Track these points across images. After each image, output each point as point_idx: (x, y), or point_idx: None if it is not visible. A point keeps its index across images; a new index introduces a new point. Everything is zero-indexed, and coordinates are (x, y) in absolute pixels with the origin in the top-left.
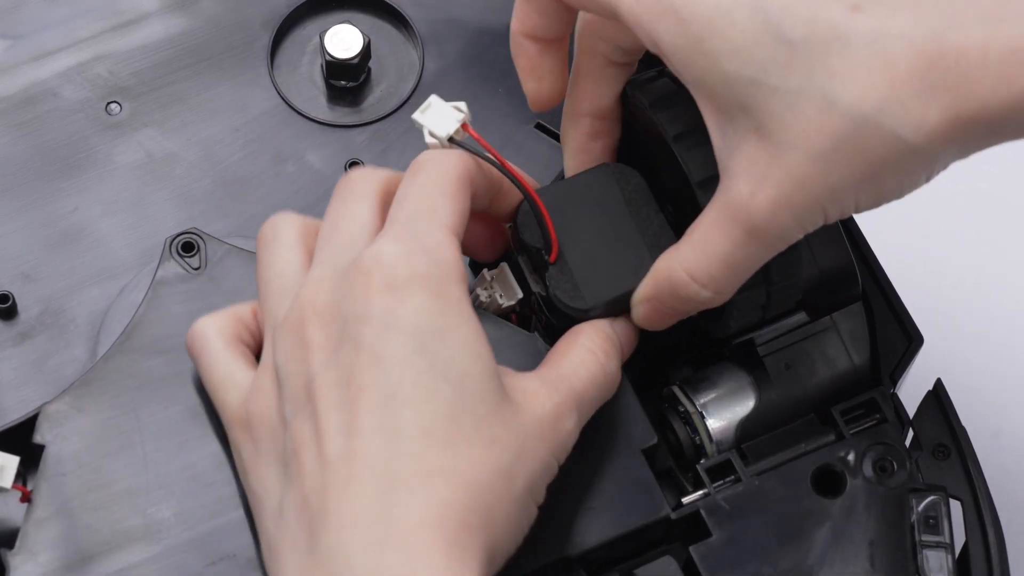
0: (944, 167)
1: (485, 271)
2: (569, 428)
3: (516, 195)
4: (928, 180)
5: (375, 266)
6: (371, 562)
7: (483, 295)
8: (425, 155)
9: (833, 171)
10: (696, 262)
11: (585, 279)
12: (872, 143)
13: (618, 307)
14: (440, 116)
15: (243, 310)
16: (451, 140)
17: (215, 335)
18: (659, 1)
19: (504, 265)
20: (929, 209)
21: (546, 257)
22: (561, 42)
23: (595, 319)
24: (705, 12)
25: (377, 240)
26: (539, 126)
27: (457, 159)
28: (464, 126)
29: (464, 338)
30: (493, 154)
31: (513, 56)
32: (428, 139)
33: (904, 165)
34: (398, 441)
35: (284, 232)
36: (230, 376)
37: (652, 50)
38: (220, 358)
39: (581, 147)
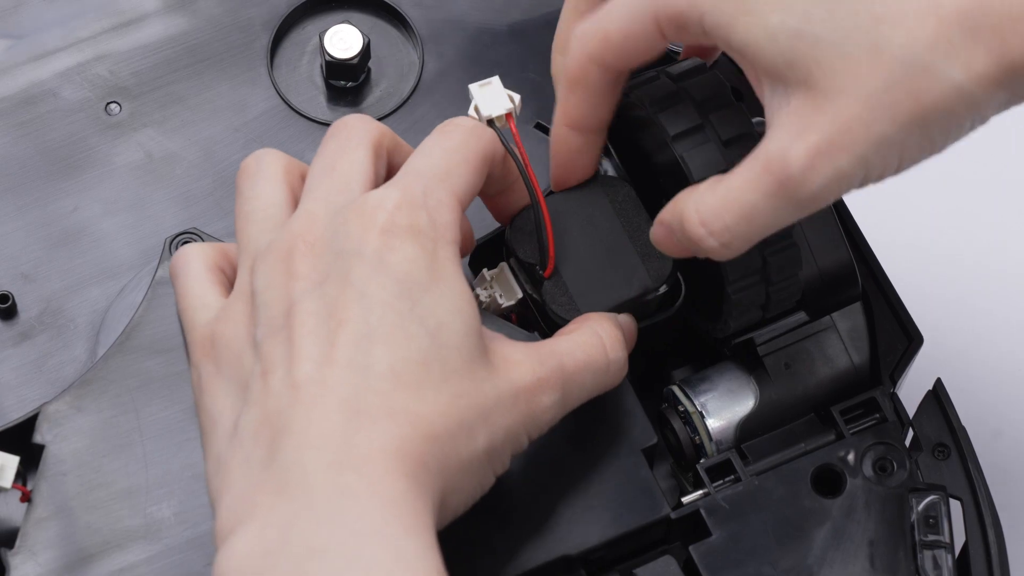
0: (985, 119)
1: (485, 271)
2: (546, 404)
3: (517, 198)
4: (971, 130)
5: (377, 209)
6: (329, 480)
7: (483, 295)
8: (460, 120)
9: (883, 115)
10: (711, 207)
11: (579, 291)
12: (923, 84)
13: None
14: (493, 97)
15: (229, 246)
16: (490, 123)
17: (196, 259)
18: None
19: (504, 265)
20: (929, 209)
21: (540, 272)
22: (602, 130)
23: None
24: None
25: (385, 186)
26: (539, 126)
27: (489, 135)
28: (508, 116)
29: (447, 294)
30: (523, 154)
31: (552, 145)
32: (471, 112)
33: (953, 109)
34: (367, 377)
35: (268, 166)
36: (202, 298)
37: (695, 26)
38: (197, 281)
39: (570, 157)
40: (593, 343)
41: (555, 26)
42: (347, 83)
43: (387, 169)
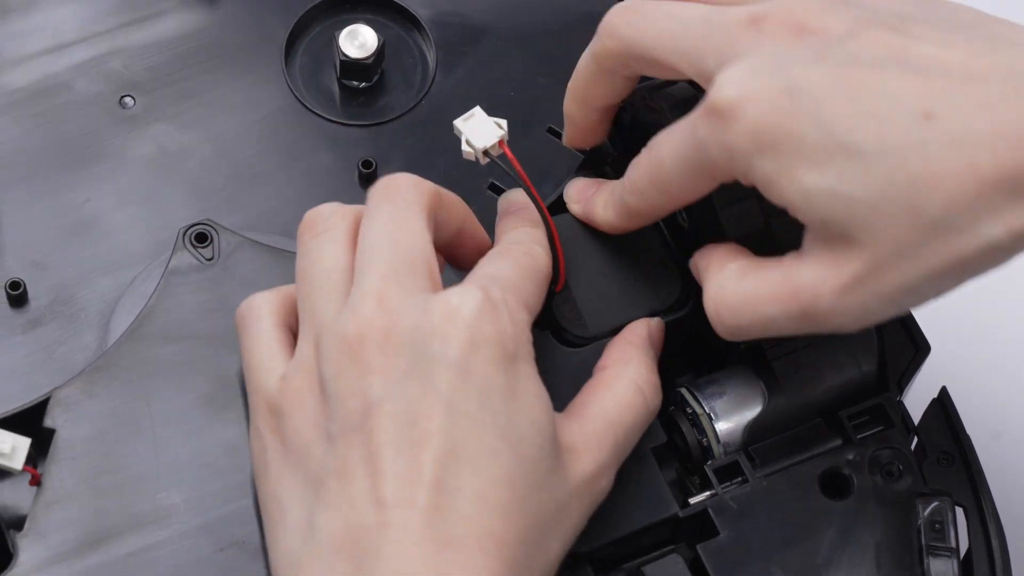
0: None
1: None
2: (604, 487)
3: (475, 241)
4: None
5: (461, 307)
6: None
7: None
8: (521, 233)
9: (917, 265)
10: (730, 304)
11: (590, 308)
12: (962, 242)
13: None
14: (481, 128)
15: (295, 294)
16: (486, 153)
17: (268, 314)
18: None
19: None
20: None
21: (553, 289)
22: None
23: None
24: (779, 133)
25: (466, 287)
26: (550, 130)
27: (545, 256)
28: (501, 143)
29: (528, 405)
30: (522, 176)
31: (566, 110)
32: (464, 148)
33: (992, 260)
34: (455, 500)
35: (336, 225)
36: (270, 359)
37: (740, 178)
38: (266, 338)
39: (589, 128)
40: (638, 402)
41: (565, 33)
42: (361, 83)
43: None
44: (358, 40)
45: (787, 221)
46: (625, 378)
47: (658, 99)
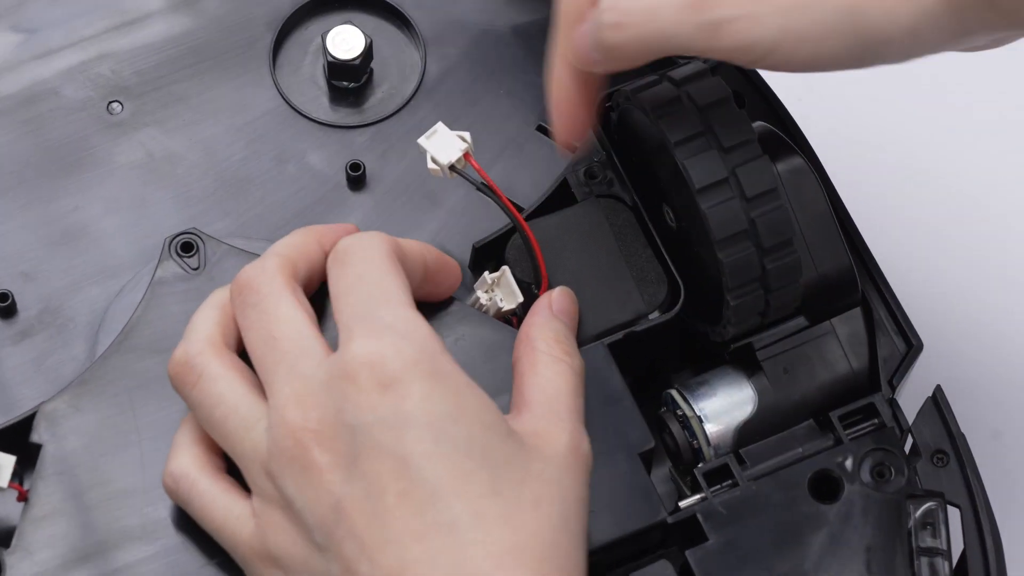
0: (925, 48)
1: (487, 274)
2: (586, 449)
3: (448, 277)
4: (909, 56)
5: (364, 368)
6: None
7: (483, 298)
8: (343, 243)
9: None
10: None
11: None
12: None
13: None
14: (444, 143)
15: (200, 432)
16: (452, 168)
17: (199, 471)
18: None
19: (506, 268)
20: (929, 214)
21: (536, 291)
22: (601, 75)
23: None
24: None
25: (352, 342)
26: (540, 128)
27: (378, 239)
28: (466, 155)
29: (473, 408)
30: (491, 185)
31: (551, 92)
32: (430, 164)
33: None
34: (455, 532)
35: (205, 366)
36: (230, 509)
37: None
38: (214, 493)
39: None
40: (562, 368)
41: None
42: (349, 84)
43: (307, 281)
44: (345, 41)
45: (770, 220)
46: (539, 354)
47: (642, 99)
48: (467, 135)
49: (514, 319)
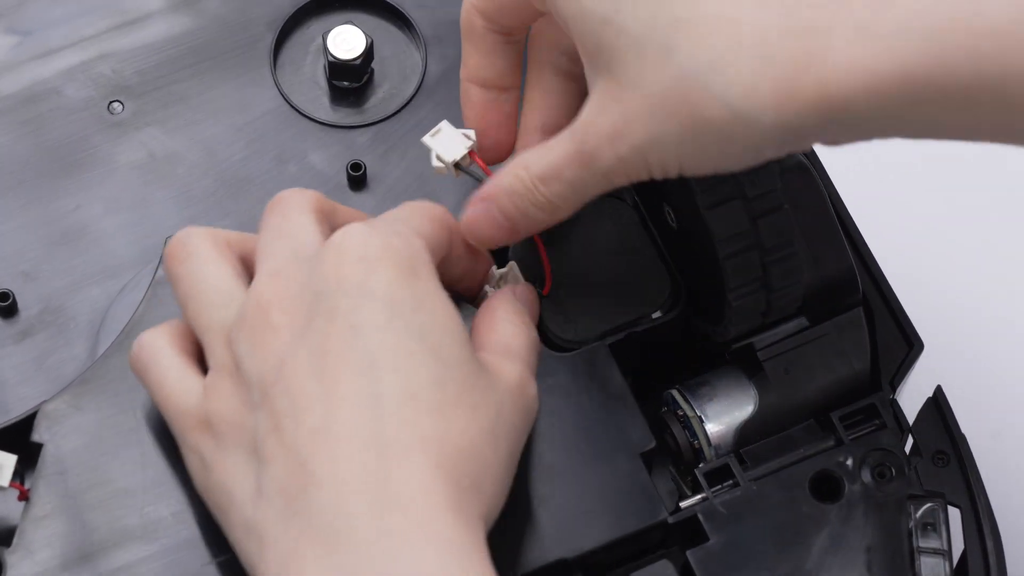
0: (777, 152)
1: (494, 268)
2: (533, 394)
3: (466, 263)
4: (757, 160)
5: (346, 241)
6: (376, 526)
7: (491, 293)
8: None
9: (658, 120)
10: (536, 160)
11: (577, 312)
12: (696, 99)
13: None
14: (449, 141)
15: (183, 325)
16: (456, 166)
17: (164, 344)
18: None
19: (513, 264)
20: (930, 215)
21: (539, 290)
22: (511, 90)
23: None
24: None
25: (349, 228)
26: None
27: (440, 209)
28: (471, 153)
29: (437, 310)
30: None
31: (463, 106)
32: (435, 162)
33: (727, 132)
34: (383, 407)
35: (199, 247)
36: (182, 382)
37: (539, 6)
38: (173, 364)
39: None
40: (521, 329)
41: None
42: (350, 84)
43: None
44: (346, 41)
45: (770, 220)
46: (499, 320)
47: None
48: (472, 133)
49: None
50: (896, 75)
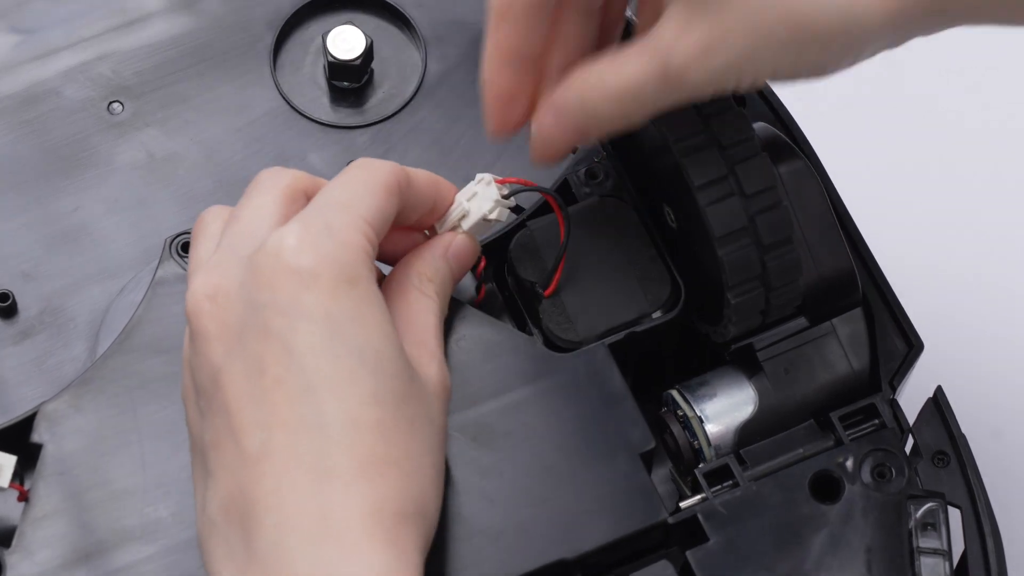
0: (873, 52)
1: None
2: (448, 384)
3: (426, 204)
4: (854, 62)
5: (280, 248)
6: (310, 558)
7: (466, 205)
8: (355, 161)
9: (758, 31)
10: (614, 77)
11: (577, 312)
12: (800, 5)
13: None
14: (484, 197)
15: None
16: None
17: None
18: None
19: (487, 176)
20: (930, 215)
21: (540, 291)
22: (535, 68)
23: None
24: None
25: (287, 226)
26: None
27: (388, 167)
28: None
29: (373, 318)
30: (528, 183)
31: (485, 86)
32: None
33: (831, 36)
34: (324, 432)
35: (211, 220)
36: None
37: None
38: None
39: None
40: (430, 305)
41: None
42: (350, 84)
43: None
44: (346, 42)
45: (769, 217)
46: (409, 286)
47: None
48: (488, 178)
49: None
50: None
